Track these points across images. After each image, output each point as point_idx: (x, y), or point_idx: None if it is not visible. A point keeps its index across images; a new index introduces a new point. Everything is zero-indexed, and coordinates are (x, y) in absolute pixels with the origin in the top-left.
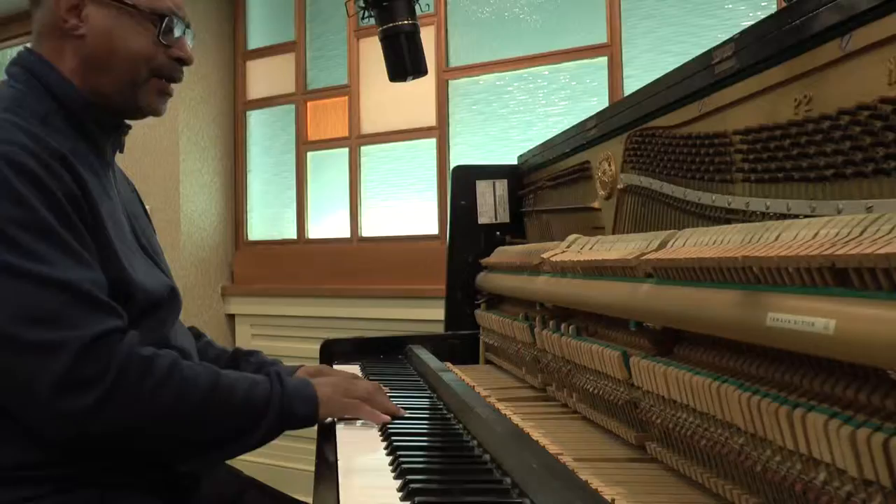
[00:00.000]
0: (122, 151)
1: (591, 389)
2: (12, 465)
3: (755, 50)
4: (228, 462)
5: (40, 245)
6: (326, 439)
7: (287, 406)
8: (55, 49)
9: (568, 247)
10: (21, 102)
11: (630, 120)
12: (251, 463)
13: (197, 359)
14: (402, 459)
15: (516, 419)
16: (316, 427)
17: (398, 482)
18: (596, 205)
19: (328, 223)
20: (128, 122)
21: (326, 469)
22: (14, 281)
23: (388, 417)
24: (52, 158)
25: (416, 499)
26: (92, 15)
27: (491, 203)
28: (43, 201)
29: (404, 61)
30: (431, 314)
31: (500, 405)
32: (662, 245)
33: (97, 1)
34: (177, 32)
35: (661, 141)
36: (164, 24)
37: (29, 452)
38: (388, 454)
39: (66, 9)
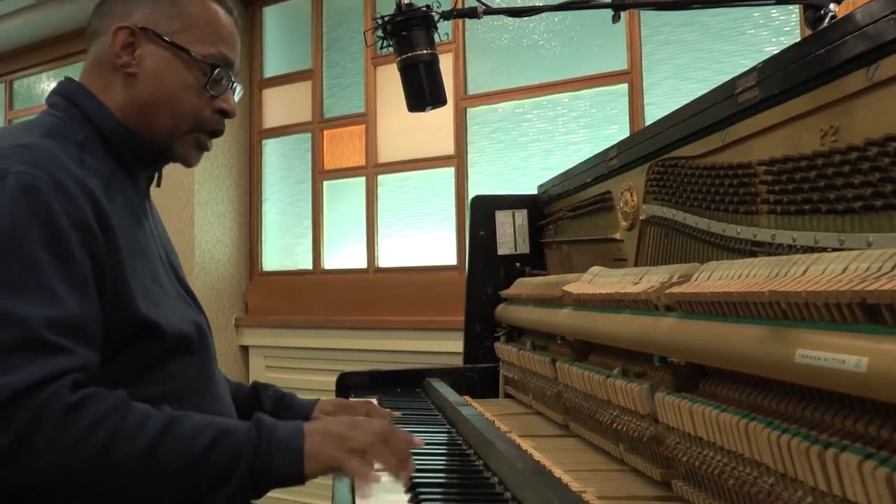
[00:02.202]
0: (158, 185)
1: (614, 425)
2: None
3: (779, 79)
4: None
5: (11, 269)
6: (342, 477)
7: (263, 462)
8: (105, 82)
9: (590, 279)
10: (60, 129)
11: (652, 150)
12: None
13: (233, 415)
14: (421, 496)
15: (538, 455)
16: None
17: None
18: (618, 236)
19: (344, 253)
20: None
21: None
22: None
23: (378, 480)
24: (75, 186)
25: None
26: (146, 55)
27: (510, 233)
28: (37, 228)
29: (423, 91)
30: (450, 346)
31: (520, 441)
32: (686, 278)
33: (152, 42)
34: (225, 84)
35: (683, 171)
36: (213, 75)
37: None
38: (406, 491)
39: (122, 45)
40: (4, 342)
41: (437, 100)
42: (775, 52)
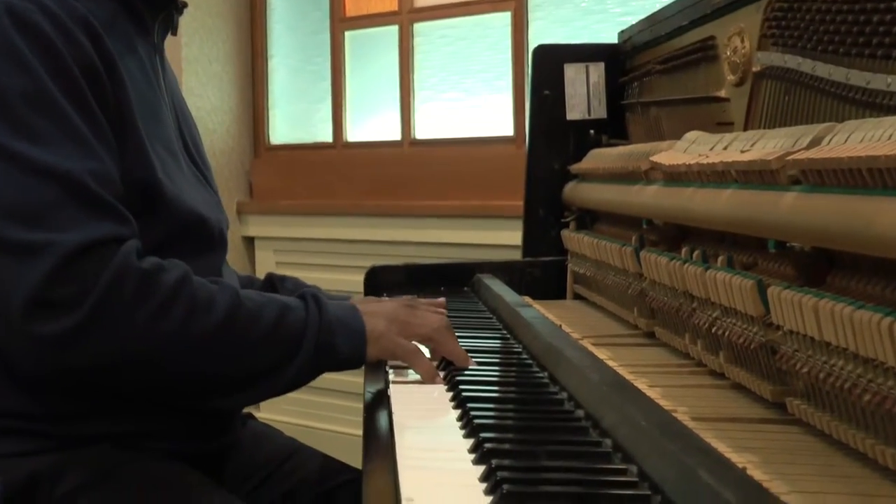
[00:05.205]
0: (174, 34)
1: (713, 330)
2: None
3: None
4: (267, 423)
5: (38, 121)
6: (377, 388)
7: (326, 340)
8: None
9: (685, 147)
10: None
11: None
12: (292, 425)
13: None
14: (473, 414)
15: (616, 366)
16: (363, 371)
17: (469, 441)
18: (723, 93)
19: (372, 123)
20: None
21: (378, 427)
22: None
23: (440, 380)
24: (73, 22)
25: (493, 462)
26: None
27: (583, 94)
28: (50, 69)
29: None
30: (506, 237)
31: (594, 349)
32: (815, 142)
33: None
34: None
35: (814, 7)
36: None
37: (22, 398)
38: (455, 407)
39: None
40: (51, 197)
41: None
42: None
